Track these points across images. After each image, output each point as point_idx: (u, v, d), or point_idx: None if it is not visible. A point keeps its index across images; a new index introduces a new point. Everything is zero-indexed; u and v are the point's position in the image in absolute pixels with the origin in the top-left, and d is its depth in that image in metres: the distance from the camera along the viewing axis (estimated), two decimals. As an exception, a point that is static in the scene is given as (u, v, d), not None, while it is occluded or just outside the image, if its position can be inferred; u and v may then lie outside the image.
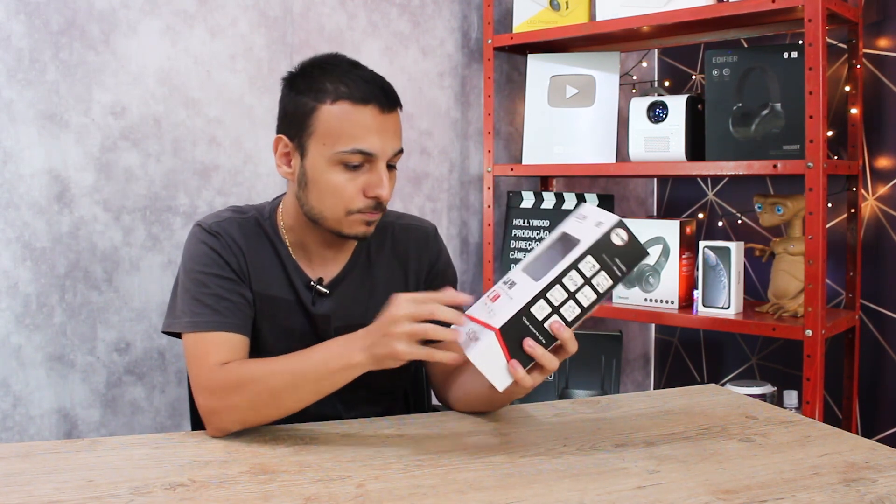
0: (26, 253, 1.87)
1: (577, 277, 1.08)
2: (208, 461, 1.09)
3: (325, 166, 1.25)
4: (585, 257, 1.08)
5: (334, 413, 1.33)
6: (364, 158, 1.24)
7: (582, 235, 1.10)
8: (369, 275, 1.40)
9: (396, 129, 1.28)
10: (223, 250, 1.30)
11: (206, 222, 1.33)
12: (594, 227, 1.10)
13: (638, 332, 2.88)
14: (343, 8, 2.32)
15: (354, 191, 1.26)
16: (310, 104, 1.26)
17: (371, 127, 1.24)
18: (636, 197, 2.88)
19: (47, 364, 1.91)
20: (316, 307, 1.35)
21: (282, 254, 1.35)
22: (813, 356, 1.89)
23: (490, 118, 2.49)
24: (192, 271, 1.29)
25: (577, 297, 1.09)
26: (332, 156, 1.24)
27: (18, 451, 1.12)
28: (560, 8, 2.37)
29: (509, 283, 1.13)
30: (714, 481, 1.03)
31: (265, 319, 1.34)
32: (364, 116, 1.24)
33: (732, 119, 2.10)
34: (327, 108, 1.24)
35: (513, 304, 1.08)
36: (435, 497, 0.98)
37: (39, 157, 1.88)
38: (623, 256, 1.09)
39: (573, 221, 1.15)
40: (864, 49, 2.16)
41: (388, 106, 1.26)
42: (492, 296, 1.14)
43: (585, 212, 1.14)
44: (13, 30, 1.84)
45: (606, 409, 1.37)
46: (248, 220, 1.36)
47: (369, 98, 1.24)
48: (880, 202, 2.17)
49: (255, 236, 1.35)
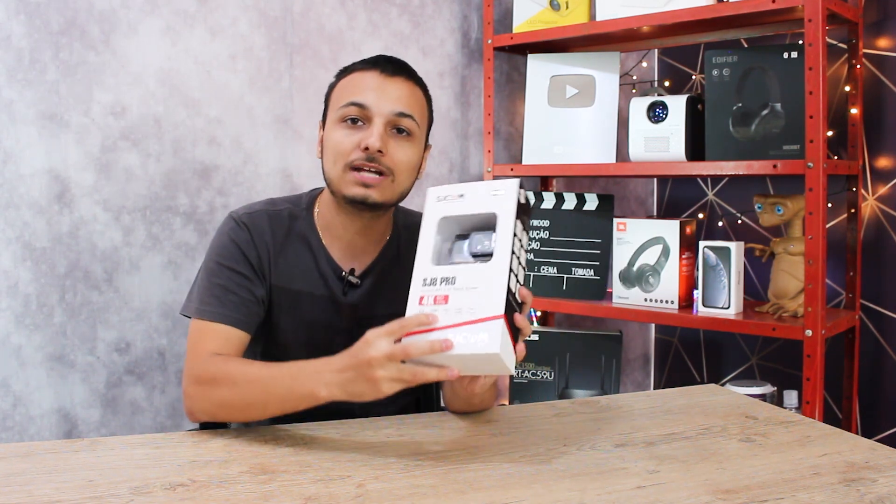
0: (26, 253, 1.87)
1: (516, 242, 1.10)
2: (208, 461, 1.09)
3: (331, 127, 1.34)
4: (516, 222, 1.10)
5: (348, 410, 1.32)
6: (360, 112, 1.31)
7: (488, 207, 1.12)
8: (398, 268, 1.42)
9: (400, 94, 1.33)
10: (245, 244, 1.35)
11: (238, 213, 1.39)
12: (494, 195, 1.12)
13: (638, 332, 2.88)
14: (343, 8, 2.32)
15: (351, 144, 1.31)
16: (333, 82, 1.39)
17: (369, 85, 1.32)
18: (636, 197, 2.88)
19: (47, 364, 1.91)
20: (347, 297, 1.39)
21: (314, 245, 1.39)
22: (813, 356, 1.89)
23: (490, 118, 2.49)
24: (211, 260, 1.35)
25: (520, 259, 1.12)
26: (335, 115, 1.33)
27: (18, 451, 1.12)
28: (560, 8, 2.37)
29: (445, 280, 1.10)
30: (714, 481, 1.03)
31: (284, 313, 1.38)
32: (365, 77, 1.33)
33: (732, 119, 2.10)
34: (343, 81, 1.37)
35: (491, 288, 1.07)
36: (435, 497, 0.98)
37: (39, 157, 1.88)
38: (526, 212, 1.14)
39: (444, 204, 1.15)
40: (864, 49, 2.16)
41: (392, 71, 1.34)
42: (434, 299, 1.09)
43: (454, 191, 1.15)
44: (13, 30, 1.84)
45: (606, 409, 1.37)
46: (279, 213, 1.40)
47: (375, 64, 1.34)
48: (880, 202, 2.17)
49: (284, 230, 1.39)
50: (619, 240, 2.29)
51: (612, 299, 2.33)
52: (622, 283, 2.29)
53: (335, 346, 1.20)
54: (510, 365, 1.08)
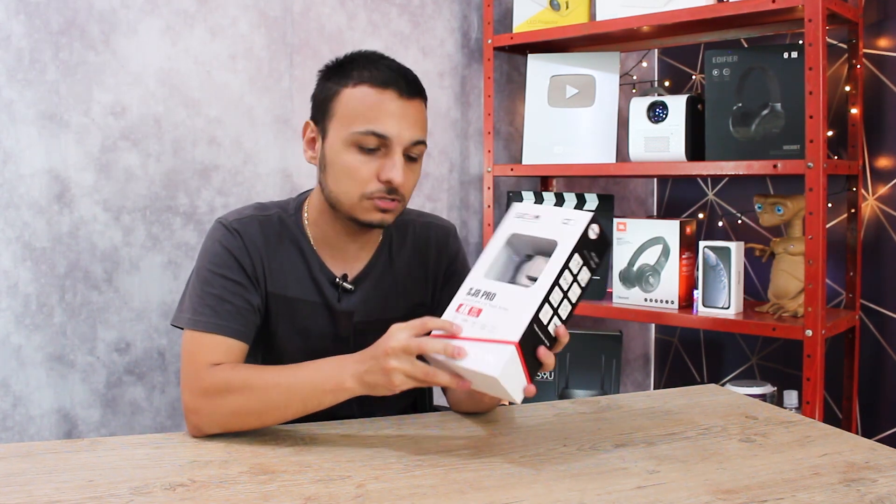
0: (26, 253, 1.87)
1: (568, 276, 1.09)
2: (208, 461, 1.09)
3: (341, 147, 1.26)
4: (573, 256, 1.08)
5: (349, 412, 1.33)
6: (379, 141, 1.25)
7: (553, 234, 1.10)
8: (391, 271, 1.40)
9: (417, 119, 1.27)
10: (238, 251, 1.30)
11: (228, 219, 1.33)
12: (564, 224, 1.10)
13: (638, 332, 2.88)
14: (343, 8, 2.32)
15: (368, 174, 1.25)
16: (334, 88, 1.29)
17: (388, 110, 1.24)
18: (636, 197, 2.88)
19: (47, 364, 1.91)
20: (341, 304, 1.35)
21: (305, 251, 1.35)
22: (813, 356, 1.89)
23: (490, 118, 2.49)
24: (203, 268, 1.30)
25: (569, 294, 1.10)
26: (349, 136, 1.25)
27: (18, 451, 1.12)
28: (560, 8, 2.37)
29: (486, 294, 1.11)
30: (714, 481, 1.03)
31: (281, 320, 1.34)
32: (382, 99, 1.25)
33: (732, 119, 2.10)
34: (349, 91, 1.26)
35: (519, 314, 1.06)
36: (435, 497, 0.98)
37: (39, 157, 1.88)
38: (596, 249, 1.11)
39: (520, 222, 1.15)
40: (864, 49, 2.16)
41: (408, 92, 1.26)
42: (469, 310, 1.11)
43: (534, 210, 1.14)
44: (13, 30, 1.84)
45: (606, 409, 1.37)
46: (270, 217, 1.35)
47: (389, 83, 1.25)
48: (880, 202, 2.17)
49: (276, 235, 1.34)
50: (620, 240, 2.29)
51: (612, 299, 2.33)
52: (622, 283, 2.29)
53: (333, 354, 1.20)
54: (514, 394, 1.06)
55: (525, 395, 1.07)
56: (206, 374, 1.21)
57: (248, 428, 1.21)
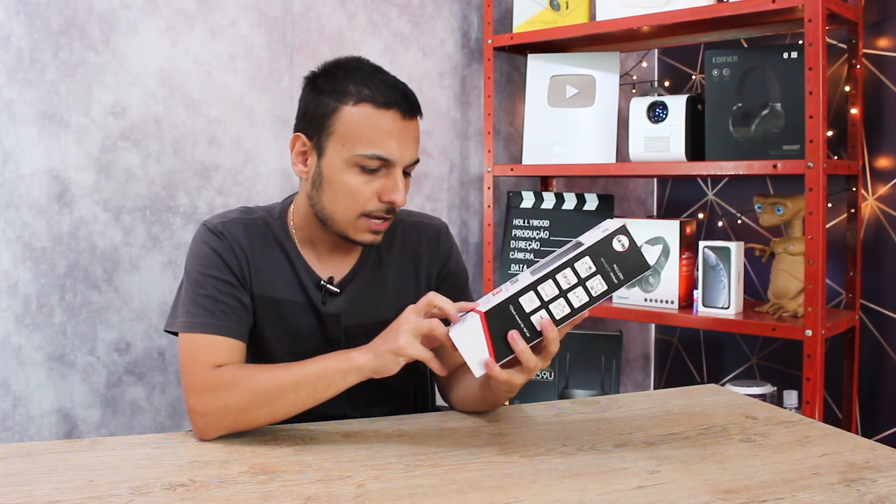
0: (26, 253, 1.87)
1: (572, 276, 1.09)
2: (208, 461, 1.09)
3: (341, 167, 1.26)
4: (583, 258, 1.09)
5: (341, 413, 1.33)
6: (382, 164, 1.25)
7: (587, 239, 1.12)
8: (380, 273, 1.39)
9: (415, 138, 1.28)
10: (225, 252, 1.30)
11: (212, 222, 1.33)
12: (601, 231, 1.11)
13: (638, 332, 2.88)
14: (343, 8, 2.32)
15: (369, 194, 1.26)
16: (331, 104, 1.26)
17: (391, 132, 1.24)
18: (636, 197, 2.88)
19: (47, 364, 1.91)
20: (326, 307, 1.35)
21: (291, 253, 1.35)
22: (813, 356, 1.89)
23: (490, 118, 2.49)
24: (193, 271, 1.29)
25: (569, 296, 1.10)
26: (350, 157, 1.25)
27: (18, 451, 1.12)
28: (560, 8, 2.37)
29: (513, 280, 1.16)
30: (714, 481, 1.03)
31: (268, 322, 1.34)
32: (385, 121, 1.24)
33: (732, 119, 2.10)
34: (349, 110, 1.24)
35: (504, 293, 1.11)
36: (435, 497, 0.98)
37: (39, 157, 1.88)
38: (622, 263, 1.09)
39: (591, 231, 1.17)
40: (864, 49, 2.16)
41: (410, 113, 1.26)
42: (495, 290, 1.16)
43: (605, 224, 1.15)
44: (13, 30, 1.84)
45: (606, 409, 1.37)
46: (255, 220, 1.35)
47: (391, 103, 1.24)
48: (880, 202, 2.17)
49: (261, 237, 1.34)
50: (619, 240, 2.29)
51: (612, 299, 2.33)
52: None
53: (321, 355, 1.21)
54: (471, 363, 1.11)
55: (486, 371, 1.11)
56: (209, 374, 1.21)
57: (258, 425, 1.20)
